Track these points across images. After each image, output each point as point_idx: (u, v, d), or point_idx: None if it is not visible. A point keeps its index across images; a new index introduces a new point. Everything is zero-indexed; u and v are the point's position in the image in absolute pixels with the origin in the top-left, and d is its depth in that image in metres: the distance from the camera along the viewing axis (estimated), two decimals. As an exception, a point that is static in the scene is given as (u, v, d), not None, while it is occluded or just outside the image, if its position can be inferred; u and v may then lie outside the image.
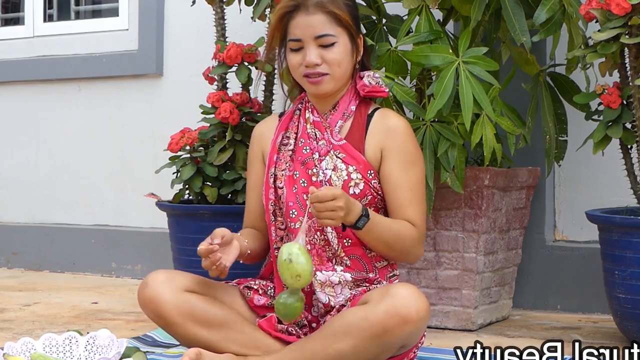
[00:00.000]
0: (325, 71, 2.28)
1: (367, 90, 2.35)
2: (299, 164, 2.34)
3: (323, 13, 2.26)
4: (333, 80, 2.30)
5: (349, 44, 2.30)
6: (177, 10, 4.24)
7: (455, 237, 3.04)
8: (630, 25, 2.69)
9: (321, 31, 2.26)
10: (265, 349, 2.26)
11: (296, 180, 2.33)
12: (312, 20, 2.26)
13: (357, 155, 2.30)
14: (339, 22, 2.27)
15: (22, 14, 4.78)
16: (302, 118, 2.39)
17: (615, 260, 2.76)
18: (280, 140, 2.39)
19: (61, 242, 4.48)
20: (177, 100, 4.21)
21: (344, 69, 2.30)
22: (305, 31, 2.27)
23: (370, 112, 2.36)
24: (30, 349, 2.26)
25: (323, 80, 2.29)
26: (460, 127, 2.84)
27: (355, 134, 2.33)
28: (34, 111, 4.62)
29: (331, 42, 2.27)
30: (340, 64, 2.29)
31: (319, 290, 2.26)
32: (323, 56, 2.27)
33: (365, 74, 2.37)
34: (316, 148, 2.33)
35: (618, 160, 2.94)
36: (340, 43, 2.28)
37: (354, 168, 2.29)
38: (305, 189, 2.30)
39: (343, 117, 2.35)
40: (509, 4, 2.82)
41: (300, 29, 2.28)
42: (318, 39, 2.27)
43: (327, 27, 2.27)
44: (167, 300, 2.25)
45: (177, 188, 3.42)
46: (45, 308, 3.49)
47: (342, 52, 2.28)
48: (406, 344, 2.17)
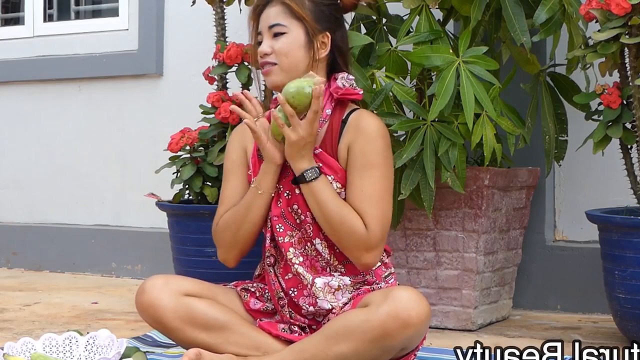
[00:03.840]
0: (273, 60, 2.28)
1: (340, 93, 2.30)
2: (282, 176, 2.30)
3: (279, 4, 2.29)
4: (282, 71, 2.28)
5: (303, 38, 2.28)
6: (177, 10, 4.25)
7: (455, 237, 3.04)
8: (630, 25, 2.69)
9: (273, 21, 2.29)
10: (266, 349, 2.26)
11: (280, 194, 2.29)
12: (269, 12, 2.30)
13: (333, 163, 2.26)
14: (293, 15, 2.28)
15: (22, 14, 4.78)
16: None
17: (615, 260, 2.76)
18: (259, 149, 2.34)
19: (61, 242, 4.48)
20: (177, 100, 4.21)
21: (292, 60, 2.28)
22: (264, 22, 2.31)
23: (345, 116, 2.30)
24: (30, 349, 2.26)
25: (271, 71, 2.29)
26: (460, 126, 2.84)
27: (329, 140, 2.29)
28: (34, 111, 4.62)
29: (281, 31, 2.28)
30: (287, 54, 2.27)
31: (320, 298, 2.25)
32: (272, 46, 2.29)
33: (339, 75, 2.32)
34: None
35: (618, 160, 2.94)
36: (291, 34, 2.28)
37: (332, 178, 2.26)
38: (289, 202, 2.27)
39: (319, 124, 2.28)
40: (509, 4, 2.82)
41: (262, 21, 2.32)
42: (271, 29, 2.29)
43: (279, 17, 2.28)
44: (165, 305, 2.24)
45: (177, 188, 3.42)
46: (45, 308, 3.49)
47: (290, 42, 2.28)
48: (407, 346, 2.17)
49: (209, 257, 3.23)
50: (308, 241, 2.29)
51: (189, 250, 3.33)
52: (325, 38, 2.31)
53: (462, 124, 2.84)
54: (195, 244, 3.30)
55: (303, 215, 2.27)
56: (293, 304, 2.31)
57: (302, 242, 2.29)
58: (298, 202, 2.27)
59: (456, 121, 2.85)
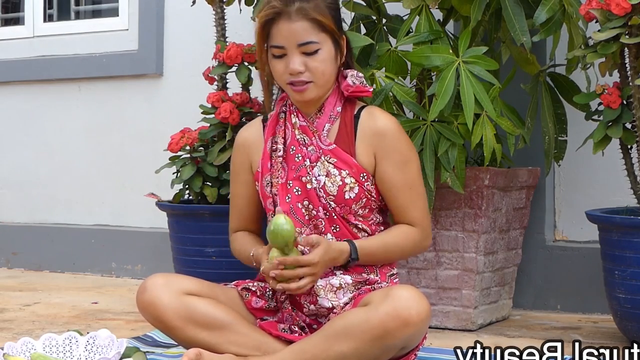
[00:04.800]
0: (309, 79, 2.24)
1: (351, 91, 2.31)
2: (292, 172, 2.31)
3: (306, 20, 2.21)
4: (317, 88, 2.26)
5: (332, 49, 2.26)
6: (177, 10, 4.24)
7: (455, 237, 3.04)
8: (630, 25, 2.69)
9: (304, 39, 2.22)
10: (266, 349, 2.26)
11: (290, 190, 2.30)
12: (294, 28, 2.21)
13: (348, 159, 2.28)
14: (322, 28, 2.23)
15: (22, 14, 4.78)
16: (288, 122, 2.35)
17: (615, 260, 2.76)
18: (270, 147, 2.36)
19: (61, 242, 4.48)
20: (177, 100, 4.21)
21: (328, 75, 2.26)
22: (288, 39, 2.22)
23: (356, 112, 2.33)
24: (30, 349, 2.26)
25: (307, 88, 2.25)
26: (460, 127, 2.84)
27: (344, 136, 2.30)
28: (34, 111, 4.62)
29: (315, 49, 2.22)
30: (325, 71, 2.25)
31: (321, 297, 2.25)
32: (307, 64, 2.23)
33: (348, 73, 2.32)
34: (306, 154, 2.30)
35: (618, 160, 2.94)
36: (324, 49, 2.24)
37: (347, 172, 2.27)
38: (299, 198, 2.29)
39: (330, 120, 2.31)
40: (509, 4, 2.82)
41: (283, 36, 2.22)
42: (301, 47, 2.22)
43: (310, 34, 2.22)
44: (166, 304, 2.24)
45: (177, 188, 3.42)
46: (45, 308, 3.49)
47: (326, 58, 2.24)
48: (407, 345, 2.17)
49: (209, 257, 3.23)
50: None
51: (189, 250, 3.33)
52: (343, 41, 2.31)
53: (462, 124, 2.84)
54: (195, 244, 3.30)
55: (315, 210, 2.28)
56: (295, 301, 2.31)
57: None
58: (309, 197, 2.28)
59: (456, 121, 2.85)
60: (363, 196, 2.29)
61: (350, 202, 2.27)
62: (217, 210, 3.25)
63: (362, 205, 2.30)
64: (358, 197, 2.28)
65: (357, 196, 2.28)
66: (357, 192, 2.28)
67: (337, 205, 2.28)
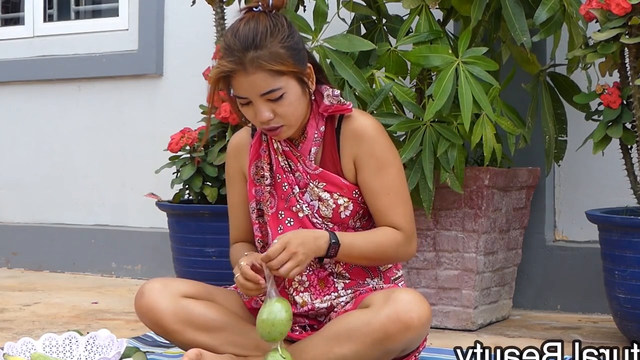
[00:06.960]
0: (280, 123, 2.16)
1: (330, 111, 2.24)
2: (282, 202, 2.27)
3: (262, 71, 2.09)
4: (290, 128, 2.19)
5: (298, 88, 2.15)
6: (177, 10, 4.24)
7: (455, 237, 3.04)
8: (630, 25, 2.69)
9: (265, 89, 2.11)
10: (266, 349, 2.25)
11: (281, 221, 2.26)
12: (252, 80, 2.10)
13: (337, 180, 2.24)
14: (282, 73, 2.11)
15: (22, 14, 4.78)
16: (271, 148, 2.28)
17: (615, 260, 2.76)
18: (255, 172, 2.30)
19: (61, 242, 4.48)
20: (177, 100, 4.21)
21: (299, 113, 2.18)
22: (249, 91, 2.13)
23: (337, 126, 2.26)
24: (30, 349, 2.26)
25: (281, 131, 2.18)
26: (460, 127, 2.84)
27: (329, 156, 2.26)
28: (34, 111, 4.62)
29: (279, 95, 2.12)
30: (294, 112, 2.16)
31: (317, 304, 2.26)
32: (274, 110, 2.14)
33: (324, 92, 2.24)
34: (293, 181, 2.25)
35: (618, 160, 2.94)
36: (289, 92, 2.13)
37: (339, 194, 2.23)
38: (291, 229, 2.23)
39: (315, 143, 2.25)
40: (509, 4, 2.82)
41: (243, 89, 2.14)
42: (265, 95, 2.13)
43: (269, 83, 2.11)
44: (164, 308, 2.25)
45: (177, 188, 3.42)
46: (45, 308, 3.49)
47: (293, 100, 2.14)
48: (408, 348, 2.17)
49: (209, 257, 3.23)
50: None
51: (189, 250, 3.33)
52: (309, 70, 2.21)
53: (461, 125, 2.83)
54: (195, 244, 3.30)
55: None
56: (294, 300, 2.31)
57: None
58: (304, 226, 2.24)
59: (455, 122, 2.85)
60: (359, 209, 2.26)
61: (347, 220, 2.26)
62: (217, 210, 3.25)
63: (359, 217, 2.28)
64: (354, 212, 2.26)
65: (353, 212, 2.26)
66: (352, 208, 2.25)
67: (334, 224, 2.25)
